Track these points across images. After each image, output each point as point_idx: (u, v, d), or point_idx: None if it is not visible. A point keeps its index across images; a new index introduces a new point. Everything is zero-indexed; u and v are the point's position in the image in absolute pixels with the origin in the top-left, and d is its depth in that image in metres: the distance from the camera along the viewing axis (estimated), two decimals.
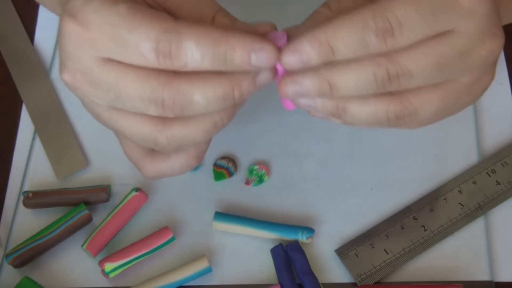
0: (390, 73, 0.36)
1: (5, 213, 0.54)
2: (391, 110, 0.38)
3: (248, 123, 0.56)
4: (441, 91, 0.38)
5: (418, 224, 0.51)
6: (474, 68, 0.38)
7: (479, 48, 0.38)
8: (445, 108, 0.39)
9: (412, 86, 0.37)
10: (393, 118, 0.38)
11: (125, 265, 0.50)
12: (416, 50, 0.36)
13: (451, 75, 0.38)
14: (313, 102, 0.38)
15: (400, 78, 0.36)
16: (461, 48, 0.37)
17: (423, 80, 0.37)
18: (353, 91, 0.37)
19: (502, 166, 0.53)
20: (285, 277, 0.49)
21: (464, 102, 0.40)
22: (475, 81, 0.39)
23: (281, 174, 0.54)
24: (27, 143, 0.56)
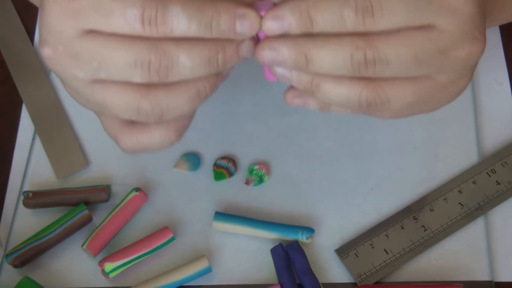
0: (367, 57, 0.36)
1: (5, 213, 0.54)
2: (363, 95, 0.38)
3: (248, 123, 0.56)
4: (415, 85, 0.38)
5: (418, 224, 0.51)
6: (452, 68, 0.39)
7: (459, 49, 0.38)
8: (417, 103, 0.39)
9: (388, 75, 0.37)
10: (364, 103, 0.38)
11: (125, 265, 0.50)
12: (395, 39, 0.37)
13: (428, 71, 0.38)
14: (289, 74, 0.38)
15: (376, 64, 0.37)
16: (440, 46, 0.37)
17: (399, 70, 0.37)
18: (328, 69, 0.37)
19: (502, 166, 0.53)
20: (285, 277, 0.49)
21: (438, 101, 0.41)
22: (451, 82, 0.39)
23: (281, 174, 0.54)
24: (27, 143, 0.56)
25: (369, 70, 0.37)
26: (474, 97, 0.57)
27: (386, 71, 0.37)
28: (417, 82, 0.39)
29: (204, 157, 0.55)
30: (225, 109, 0.57)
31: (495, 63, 0.58)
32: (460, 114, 0.56)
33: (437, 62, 0.38)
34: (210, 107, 0.57)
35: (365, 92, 0.38)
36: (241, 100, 0.57)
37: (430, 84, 0.39)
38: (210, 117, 0.57)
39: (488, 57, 0.58)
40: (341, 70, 0.37)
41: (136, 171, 0.55)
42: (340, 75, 0.38)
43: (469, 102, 0.56)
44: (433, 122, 0.56)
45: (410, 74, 0.38)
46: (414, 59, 0.37)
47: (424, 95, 0.39)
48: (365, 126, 0.56)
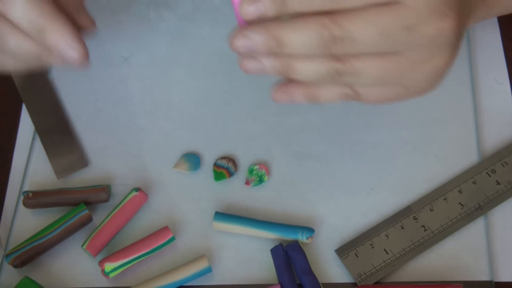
0: (334, 34, 0.37)
1: (5, 213, 0.54)
2: (332, 68, 0.39)
3: (248, 123, 0.56)
4: (384, 60, 0.39)
5: (418, 224, 0.51)
6: (422, 45, 0.39)
7: (427, 25, 0.38)
8: (388, 78, 0.40)
9: (356, 51, 0.38)
10: (336, 75, 0.39)
11: (125, 265, 0.50)
12: (360, 16, 0.37)
13: (396, 47, 0.39)
14: (262, 64, 0.40)
15: (344, 42, 0.38)
16: (407, 22, 0.38)
17: (366, 47, 0.38)
18: (299, 49, 0.38)
19: (502, 166, 0.53)
20: (285, 277, 0.49)
21: (414, 80, 0.41)
22: (424, 59, 0.40)
23: (281, 174, 0.54)
24: (27, 143, 0.56)
25: (337, 47, 0.38)
26: (474, 97, 0.57)
27: (354, 48, 0.38)
28: (386, 58, 0.39)
29: (204, 157, 0.55)
30: (225, 109, 0.57)
31: (495, 63, 0.58)
32: (460, 114, 0.56)
33: (405, 38, 0.38)
34: (210, 107, 0.57)
35: (334, 65, 0.39)
36: (241, 100, 0.57)
37: (400, 60, 0.39)
38: (210, 117, 0.57)
39: (488, 57, 0.58)
40: (312, 49, 0.38)
41: (136, 171, 0.55)
42: (311, 54, 0.39)
43: (469, 102, 0.57)
44: (433, 122, 0.56)
45: (378, 50, 0.39)
46: (379, 36, 0.38)
47: (393, 71, 0.40)
48: (365, 126, 0.56)
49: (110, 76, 0.59)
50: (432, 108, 0.56)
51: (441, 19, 0.38)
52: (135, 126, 0.57)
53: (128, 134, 0.56)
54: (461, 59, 0.58)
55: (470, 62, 0.58)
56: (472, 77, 0.58)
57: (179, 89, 0.58)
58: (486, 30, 0.60)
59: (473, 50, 0.59)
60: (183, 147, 0.56)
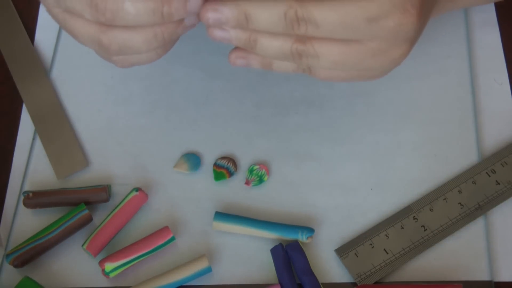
0: (298, 16, 0.39)
1: (5, 213, 0.54)
2: (294, 48, 0.41)
3: (248, 123, 0.57)
4: (344, 46, 0.41)
5: (418, 224, 0.51)
6: (381, 36, 0.41)
7: (388, 18, 0.40)
8: (346, 64, 0.42)
9: (318, 35, 0.40)
10: (296, 55, 0.42)
11: (125, 265, 0.50)
12: (326, 3, 0.40)
13: (357, 36, 0.41)
14: (228, 34, 0.42)
15: (307, 24, 0.40)
16: (369, 14, 0.40)
17: (327, 32, 0.40)
18: (265, 26, 0.41)
19: (502, 166, 0.53)
20: (285, 277, 0.49)
21: (372, 68, 0.43)
22: (382, 50, 0.42)
23: (281, 174, 0.54)
24: (27, 143, 0.56)
25: (300, 28, 0.40)
26: (474, 97, 0.57)
27: (316, 32, 0.40)
28: (346, 44, 0.41)
29: (204, 157, 0.55)
30: (225, 109, 0.57)
31: (495, 63, 0.58)
32: (460, 114, 0.56)
33: (365, 28, 0.40)
34: (210, 107, 0.57)
35: (295, 46, 0.41)
36: (241, 100, 0.57)
37: (359, 49, 0.41)
38: (210, 117, 0.57)
39: (488, 57, 0.58)
40: (276, 27, 0.40)
41: (136, 171, 0.55)
42: (275, 32, 0.41)
43: (469, 102, 0.57)
44: (433, 122, 0.56)
45: (339, 36, 0.41)
46: (341, 24, 0.40)
47: (352, 58, 0.42)
48: (365, 126, 0.56)
49: (110, 76, 0.59)
50: (432, 108, 0.56)
51: (402, 15, 0.40)
52: (135, 126, 0.57)
53: (128, 134, 0.56)
54: (461, 59, 0.58)
55: (470, 62, 0.58)
56: (472, 77, 0.58)
57: (179, 89, 0.58)
58: (486, 30, 0.60)
59: (473, 50, 0.59)
60: (183, 147, 0.56)
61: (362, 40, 0.41)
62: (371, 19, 0.40)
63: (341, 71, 0.44)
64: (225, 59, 0.59)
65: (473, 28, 0.60)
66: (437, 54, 0.58)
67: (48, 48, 0.61)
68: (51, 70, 0.60)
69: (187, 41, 0.61)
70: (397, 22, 0.40)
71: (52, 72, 0.60)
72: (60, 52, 0.61)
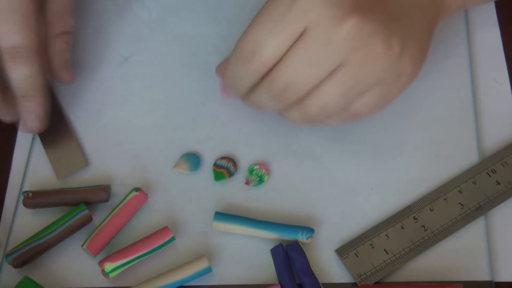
0: (279, 87, 0.46)
1: (5, 213, 0.54)
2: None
3: (248, 123, 0.56)
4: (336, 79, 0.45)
5: (418, 224, 0.51)
6: (347, 50, 0.44)
7: (337, 32, 0.43)
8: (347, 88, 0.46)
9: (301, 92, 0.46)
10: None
11: (125, 265, 0.50)
12: (286, 62, 0.45)
13: (332, 64, 0.45)
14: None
15: (287, 89, 0.46)
16: (321, 40, 0.44)
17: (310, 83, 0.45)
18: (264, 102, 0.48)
19: (502, 166, 0.53)
20: (285, 277, 0.49)
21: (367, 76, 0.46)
22: (359, 62, 0.45)
23: (281, 174, 0.54)
24: (27, 143, 0.56)
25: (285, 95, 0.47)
26: (474, 97, 0.57)
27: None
28: (333, 77, 0.46)
29: (204, 157, 0.55)
30: (225, 109, 0.57)
31: (495, 62, 0.58)
32: (460, 114, 0.56)
33: (329, 53, 0.44)
34: (210, 107, 0.57)
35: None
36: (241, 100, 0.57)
37: (346, 71, 0.45)
38: (210, 117, 0.57)
39: (488, 57, 0.58)
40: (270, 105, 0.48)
41: (136, 171, 0.55)
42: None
43: (469, 102, 0.57)
44: (433, 122, 0.56)
45: (320, 77, 0.46)
46: (310, 65, 0.45)
47: (349, 80, 0.46)
48: (365, 126, 0.56)
49: (110, 76, 0.59)
50: (432, 108, 0.56)
51: (343, 21, 0.43)
52: (135, 126, 0.57)
53: (128, 134, 0.56)
54: (461, 59, 0.58)
55: (470, 62, 0.58)
56: (472, 77, 0.58)
57: (179, 89, 0.58)
58: (486, 30, 0.60)
59: (473, 50, 0.59)
60: (183, 147, 0.56)
61: (342, 63, 0.45)
62: (326, 43, 0.44)
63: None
64: None
65: (473, 28, 0.60)
66: (437, 54, 0.58)
67: None
68: None
69: (187, 41, 0.61)
70: (346, 30, 0.44)
71: None
72: None
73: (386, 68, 0.45)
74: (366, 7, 0.44)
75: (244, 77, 0.47)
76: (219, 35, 0.60)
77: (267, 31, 0.44)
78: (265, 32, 0.44)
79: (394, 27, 0.45)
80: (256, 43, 0.45)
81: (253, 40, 0.45)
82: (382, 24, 0.44)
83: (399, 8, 0.47)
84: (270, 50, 0.45)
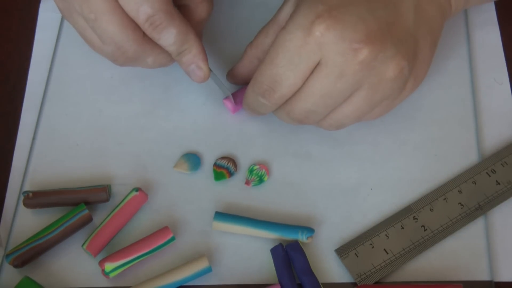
0: (299, 116, 0.50)
1: (5, 213, 0.54)
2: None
3: (248, 123, 0.56)
4: (355, 99, 0.48)
5: (418, 224, 0.51)
6: (362, 78, 0.46)
7: (351, 63, 0.45)
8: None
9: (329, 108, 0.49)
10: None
11: (125, 265, 0.50)
12: (304, 93, 0.47)
13: (348, 93, 0.47)
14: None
15: (307, 116, 0.50)
16: (336, 73, 0.46)
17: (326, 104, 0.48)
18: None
19: (502, 166, 0.53)
20: (285, 277, 0.49)
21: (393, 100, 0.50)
22: (373, 87, 0.47)
23: (281, 174, 0.54)
24: (27, 143, 0.56)
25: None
26: (474, 97, 0.57)
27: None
28: (355, 97, 0.49)
29: (204, 157, 0.55)
30: (225, 109, 0.57)
31: (495, 63, 0.58)
32: (460, 114, 0.56)
33: (344, 84, 0.47)
34: (210, 107, 0.57)
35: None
36: None
37: (365, 94, 0.48)
38: (210, 117, 0.57)
39: (488, 57, 0.58)
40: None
41: (136, 171, 0.55)
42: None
43: (469, 102, 0.57)
44: (433, 122, 0.56)
45: (340, 97, 0.48)
46: (324, 97, 0.48)
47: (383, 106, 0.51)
48: (365, 126, 0.56)
49: (110, 76, 0.59)
50: (432, 108, 0.56)
51: (356, 52, 0.45)
52: (135, 126, 0.57)
53: (128, 134, 0.56)
54: (461, 59, 0.58)
55: (470, 62, 0.58)
56: (472, 77, 0.58)
57: (179, 89, 0.58)
58: (486, 30, 0.60)
59: (473, 50, 0.59)
60: (183, 147, 0.56)
61: (358, 90, 0.47)
62: (339, 76, 0.46)
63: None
64: (225, 59, 0.59)
65: (473, 28, 0.60)
66: (437, 54, 0.58)
67: (48, 48, 0.61)
68: (51, 70, 0.60)
69: None
70: (360, 60, 0.45)
71: (52, 72, 0.60)
72: (60, 52, 0.61)
73: (396, 88, 0.48)
74: (378, 33, 0.46)
75: (264, 107, 0.50)
76: (219, 35, 0.60)
77: (284, 66, 0.47)
78: (282, 67, 0.47)
79: (404, 49, 0.47)
80: (274, 78, 0.47)
81: (271, 75, 0.47)
82: (392, 49, 0.46)
83: (408, 29, 0.48)
84: (288, 83, 0.47)
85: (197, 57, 0.51)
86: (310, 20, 0.45)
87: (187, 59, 0.50)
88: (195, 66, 0.51)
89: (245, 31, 0.60)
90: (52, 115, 0.58)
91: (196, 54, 0.50)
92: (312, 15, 0.45)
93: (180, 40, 0.49)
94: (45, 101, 0.58)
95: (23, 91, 0.59)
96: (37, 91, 0.59)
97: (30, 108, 0.58)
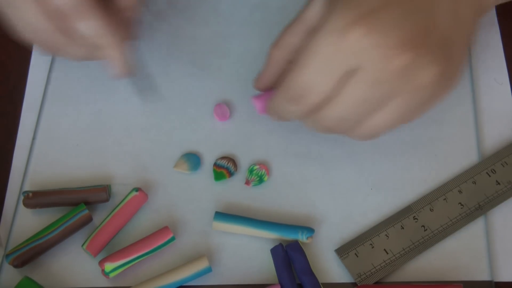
0: (330, 124, 0.47)
1: (5, 213, 0.54)
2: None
3: (248, 123, 0.56)
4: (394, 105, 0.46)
5: (418, 224, 0.51)
6: (398, 85, 0.44)
7: (388, 70, 0.43)
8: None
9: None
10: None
11: (125, 265, 0.50)
12: (337, 100, 0.45)
13: (384, 101, 0.45)
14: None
15: (338, 124, 0.47)
16: (372, 80, 0.44)
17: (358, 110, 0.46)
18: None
19: (502, 166, 0.53)
20: (285, 277, 0.49)
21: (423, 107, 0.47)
22: (410, 94, 0.45)
23: (281, 174, 0.54)
24: (27, 143, 0.56)
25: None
26: (474, 97, 0.57)
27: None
28: (391, 104, 0.47)
29: (204, 157, 0.55)
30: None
31: (495, 63, 0.58)
32: (460, 114, 0.56)
33: (380, 90, 0.45)
34: (210, 107, 0.57)
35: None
36: (241, 100, 0.57)
37: (400, 103, 0.46)
38: (210, 117, 0.57)
39: (488, 57, 0.58)
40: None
41: (136, 171, 0.55)
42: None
43: (469, 102, 0.57)
44: (433, 122, 0.56)
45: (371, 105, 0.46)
46: (361, 102, 0.45)
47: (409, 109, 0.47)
48: None
49: None
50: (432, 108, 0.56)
51: (394, 57, 0.43)
52: (135, 126, 0.57)
53: (128, 134, 0.56)
54: None
55: (470, 62, 0.58)
56: (472, 77, 0.58)
57: (179, 89, 0.58)
58: (486, 30, 0.60)
59: (473, 50, 0.59)
60: (183, 147, 0.56)
61: (386, 101, 0.45)
62: (375, 82, 0.44)
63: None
64: (225, 59, 0.59)
65: None
66: None
67: None
68: (51, 70, 0.60)
69: (187, 41, 0.60)
70: (397, 64, 0.43)
71: (52, 72, 0.60)
72: None
73: (432, 94, 0.46)
74: (414, 39, 0.44)
75: (292, 113, 0.48)
76: (219, 35, 0.60)
77: (316, 73, 0.44)
78: (314, 74, 0.45)
79: (440, 55, 0.45)
80: (306, 84, 0.45)
81: (302, 81, 0.45)
82: (428, 55, 0.44)
83: (444, 33, 0.46)
84: (319, 91, 0.45)
85: (113, 53, 0.50)
86: (345, 25, 0.43)
87: (104, 54, 0.50)
88: (112, 61, 0.50)
89: (245, 31, 0.60)
90: (52, 115, 0.58)
91: (112, 50, 0.50)
92: (347, 19, 0.43)
93: (99, 33, 0.48)
94: (45, 101, 0.58)
95: (23, 91, 0.59)
96: (37, 91, 0.59)
97: (30, 108, 0.58)
